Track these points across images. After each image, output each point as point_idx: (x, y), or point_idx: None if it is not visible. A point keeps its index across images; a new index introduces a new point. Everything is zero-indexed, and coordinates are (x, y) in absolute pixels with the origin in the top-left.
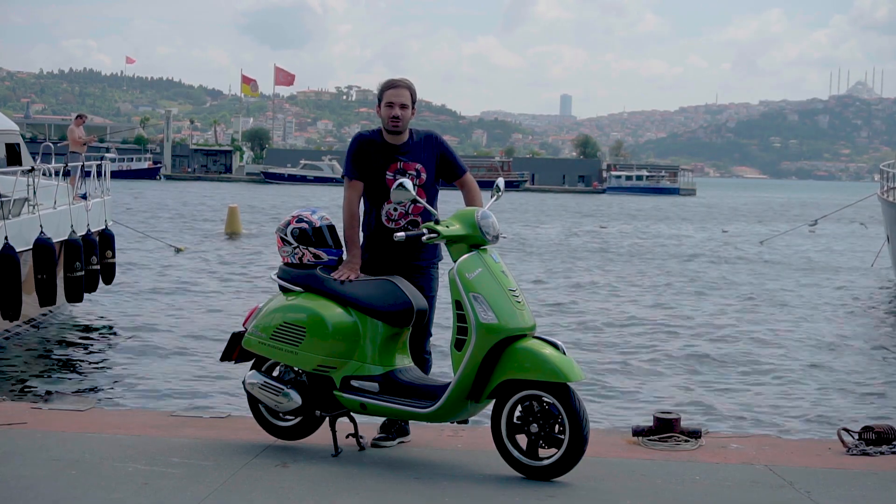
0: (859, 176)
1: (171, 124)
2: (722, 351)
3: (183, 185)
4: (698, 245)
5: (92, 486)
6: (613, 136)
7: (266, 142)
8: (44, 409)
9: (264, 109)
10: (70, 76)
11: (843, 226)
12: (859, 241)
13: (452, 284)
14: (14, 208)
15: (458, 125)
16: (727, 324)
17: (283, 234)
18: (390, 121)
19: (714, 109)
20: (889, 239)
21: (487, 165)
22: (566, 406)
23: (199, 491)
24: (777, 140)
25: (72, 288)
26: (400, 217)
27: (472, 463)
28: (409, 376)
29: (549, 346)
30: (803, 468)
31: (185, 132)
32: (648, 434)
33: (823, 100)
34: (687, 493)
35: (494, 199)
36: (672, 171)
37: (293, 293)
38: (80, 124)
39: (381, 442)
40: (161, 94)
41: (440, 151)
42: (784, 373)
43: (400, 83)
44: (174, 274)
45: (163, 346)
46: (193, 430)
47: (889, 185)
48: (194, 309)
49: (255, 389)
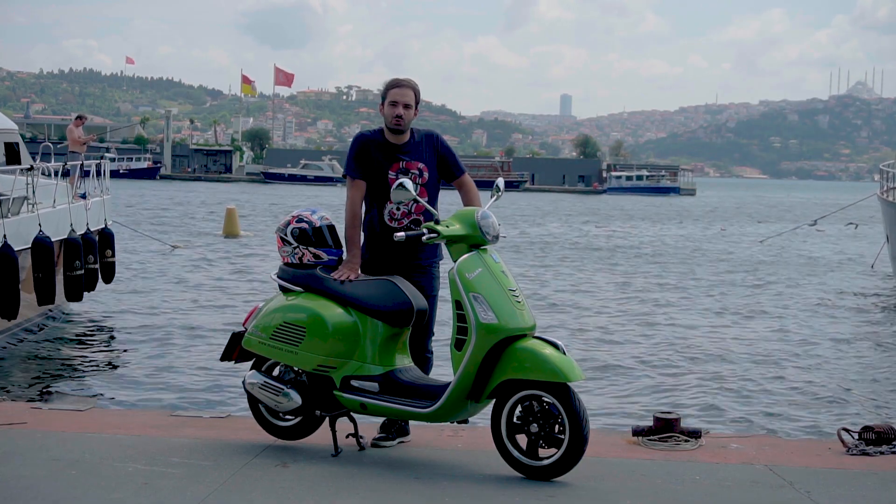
0: (859, 176)
1: (171, 124)
2: (722, 351)
3: (183, 185)
4: (698, 245)
5: (92, 486)
6: (613, 136)
7: (266, 142)
8: (44, 409)
9: (264, 109)
10: (70, 76)
11: (842, 226)
12: (858, 241)
13: (452, 284)
14: (13, 207)
15: (458, 125)
16: (727, 324)
17: (283, 234)
18: (393, 120)
19: (714, 109)
20: (889, 239)
21: (487, 165)
22: (566, 406)
23: (199, 491)
24: (777, 140)
25: (71, 287)
26: (402, 216)
27: (472, 463)
28: (409, 376)
29: (550, 346)
30: (803, 468)
31: (185, 132)
32: (648, 434)
33: (823, 100)
34: (687, 493)
35: (494, 199)
36: (672, 171)
37: (293, 293)
38: (79, 125)
39: (381, 442)
40: (161, 94)
41: (441, 151)
42: (784, 372)
43: (405, 83)
44: (174, 273)
45: (163, 345)
46: (193, 430)
47: (889, 185)
48: (194, 309)
49: (255, 389)
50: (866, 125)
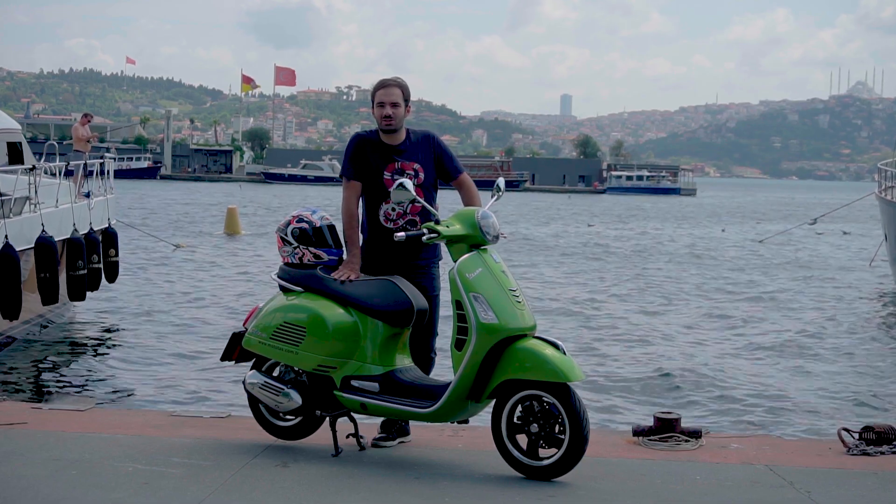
0: (860, 176)
1: (171, 124)
2: (722, 350)
3: (183, 185)
4: (699, 245)
5: (92, 486)
6: (614, 136)
7: (266, 142)
8: (44, 409)
9: (264, 109)
10: (70, 76)
11: (842, 225)
12: (857, 239)
13: (452, 284)
14: (15, 207)
15: (458, 125)
16: (726, 324)
17: (283, 233)
18: (383, 120)
19: (714, 109)
20: (887, 237)
21: (487, 165)
22: (566, 406)
23: (199, 491)
24: (777, 140)
25: (74, 287)
26: (398, 217)
27: (472, 463)
28: (409, 376)
29: (550, 346)
30: (803, 468)
31: (185, 132)
32: (648, 434)
33: (824, 100)
34: (687, 493)
35: (495, 199)
36: (672, 171)
37: (293, 293)
38: (85, 123)
39: (381, 442)
40: (161, 94)
41: (437, 152)
42: (784, 372)
43: (390, 82)
44: (175, 273)
45: (163, 345)
46: (193, 430)
47: (887, 185)
48: (195, 308)
49: (255, 389)
50: (867, 125)
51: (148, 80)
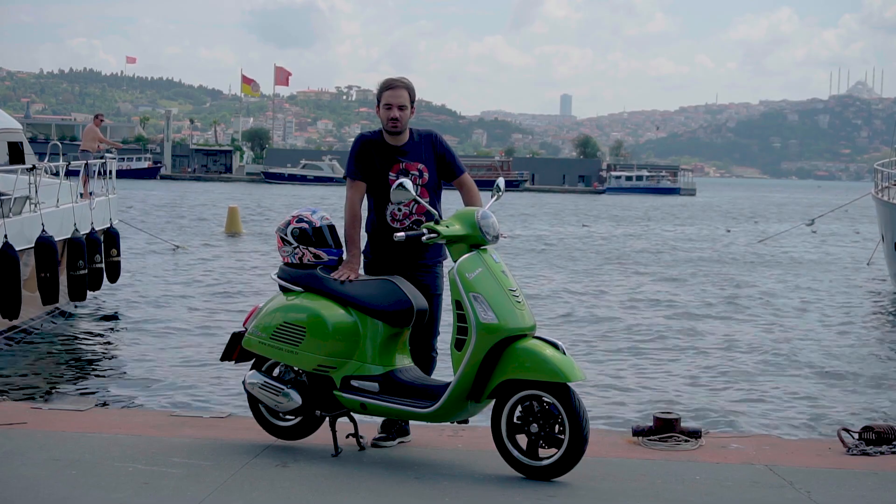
0: (859, 176)
1: (171, 124)
2: (722, 350)
3: (183, 185)
4: (699, 245)
5: (92, 486)
6: (613, 136)
7: (266, 142)
8: (44, 409)
9: (264, 109)
10: (70, 76)
11: (841, 225)
12: (856, 239)
13: (452, 284)
14: (15, 207)
15: (458, 125)
16: (726, 323)
17: (283, 233)
18: (389, 122)
19: (714, 109)
20: (884, 237)
21: (487, 165)
22: (566, 406)
23: (199, 491)
24: (777, 140)
25: (75, 286)
26: (404, 217)
27: (472, 463)
28: (409, 376)
29: (550, 346)
30: (803, 468)
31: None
32: (648, 434)
33: (823, 100)
34: (687, 493)
35: (495, 199)
36: (672, 171)
37: (293, 293)
38: (98, 124)
39: (381, 442)
40: (161, 94)
41: (440, 151)
42: (784, 372)
43: (398, 83)
44: (175, 273)
45: (163, 345)
46: (193, 430)
47: (883, 185)
48: (195, 308)
49: (255, 389)
50: (866, 125)
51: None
